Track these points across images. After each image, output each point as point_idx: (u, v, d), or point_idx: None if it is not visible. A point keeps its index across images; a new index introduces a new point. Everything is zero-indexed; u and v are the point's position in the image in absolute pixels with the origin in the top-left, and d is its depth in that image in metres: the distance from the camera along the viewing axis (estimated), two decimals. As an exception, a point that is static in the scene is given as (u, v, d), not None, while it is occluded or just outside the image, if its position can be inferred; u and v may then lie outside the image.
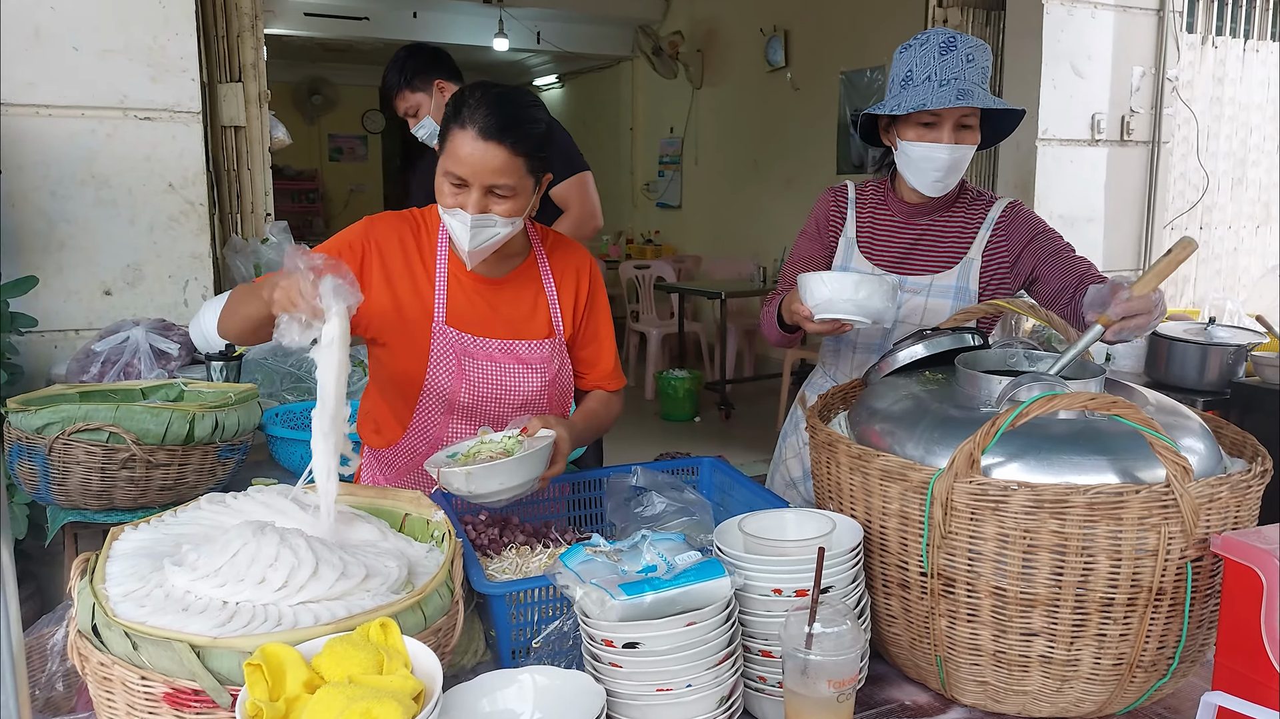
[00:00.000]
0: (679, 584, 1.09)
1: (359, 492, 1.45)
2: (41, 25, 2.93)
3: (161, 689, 0.99)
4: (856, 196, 2.07)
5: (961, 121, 1.85)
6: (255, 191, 3.56)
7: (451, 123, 1.59)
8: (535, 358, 1.77)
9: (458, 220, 1.61)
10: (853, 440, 1.30)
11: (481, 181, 1.58)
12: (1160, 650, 1.14)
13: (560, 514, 1.66)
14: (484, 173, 1.57)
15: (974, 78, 1.81)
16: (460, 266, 1.74)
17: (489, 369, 1.74)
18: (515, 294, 1.79)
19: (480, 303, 1.76)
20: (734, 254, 8.20)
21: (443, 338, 1.72)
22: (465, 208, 1.59)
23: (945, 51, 1.80)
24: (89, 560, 1.19)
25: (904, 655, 1.27)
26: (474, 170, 1.57)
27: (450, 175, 1.59)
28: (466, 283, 1.75)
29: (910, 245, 2.01)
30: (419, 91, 2.97)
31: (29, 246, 2.99)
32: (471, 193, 1.59)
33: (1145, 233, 5.13)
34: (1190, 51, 5.20)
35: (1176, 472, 1.06)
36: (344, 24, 8.39)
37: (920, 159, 1.87)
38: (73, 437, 2.00)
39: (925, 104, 1.79)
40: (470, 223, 1.59)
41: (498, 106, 1.58)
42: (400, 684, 0.94)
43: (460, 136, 1.57)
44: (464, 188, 1.59)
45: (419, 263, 1.74)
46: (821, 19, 7.15)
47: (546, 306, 1.80)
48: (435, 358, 1.72)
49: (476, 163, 1.56)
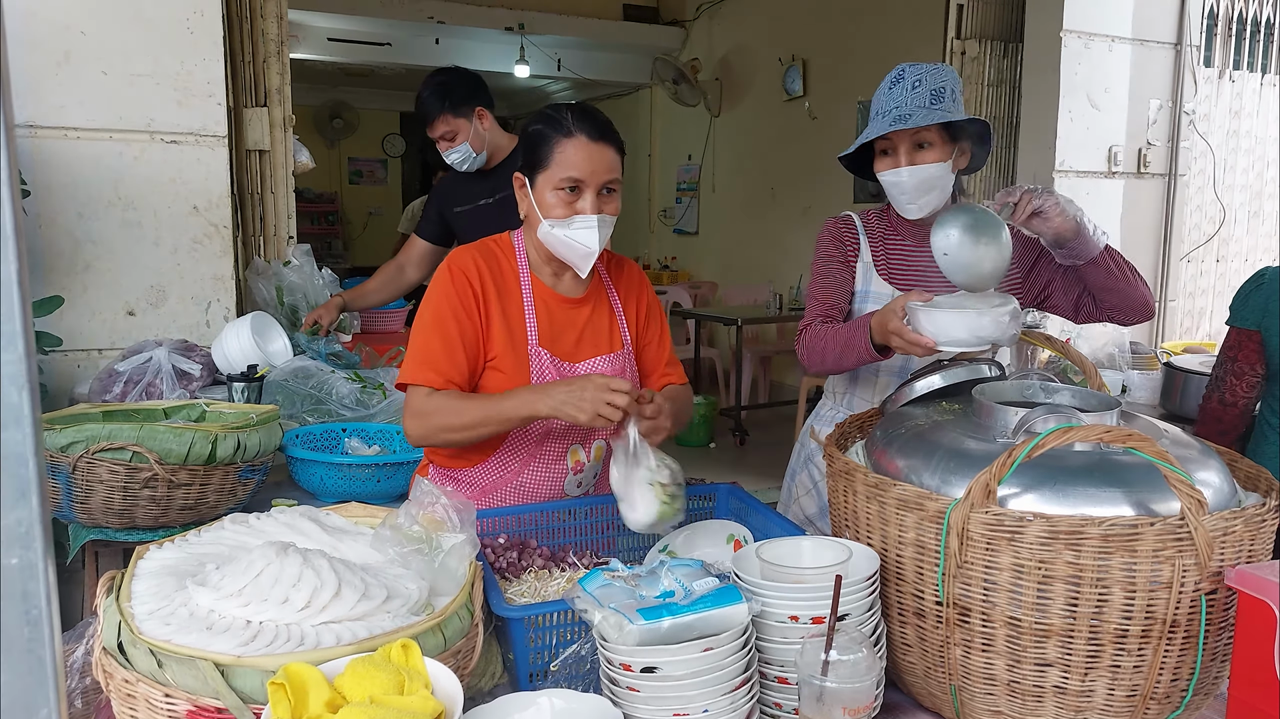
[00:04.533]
0: (697, 610, 1.10)
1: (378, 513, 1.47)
2: (72, 50, 2.99)
3: (185, 707, 1.01)
4: (864, 224, 2.13)
5: (917, 142, 1.94)
6: (278, 214, 3.60)
7: (555, 134, 1.71)
8: (615, 370, 1.84)
9: (580, 224, 1.71)
10: (870, 469, 1.31)
11: (598, 181, 1.71)
12: (1174, 683, 1.14)
13: (579, 538, 1.68)
14: (600, 171, 1.70)
15: (917, 101, 1.91)
16: (545, 290, 1.83)
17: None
18: (593, 311, 1.87)
19: (564, 322, 1.83)
20: (750, 281, 8.22)
21: (538, 360, 1.78)
22: (585, 211, 1.70)
23: (893, 85, 1.94)
24: (115, 578, 1.21)
25: (919, 684, 1.27)
26: (592, 170, 1.70)
27: (566, 182, 1.70)
28: (552, 305, 1.83)
29: (926, 267, 2.04)
30: (461, 117, 3.00)
31: (54, 267, 3.03)
32: (587, 195, 1.70)
33: (1161, 265, 5.12)
34: (1207, 85, 5.22)
35: (1191, 505, 1.06)
36: (366, 49, 8.50)
37: (889, 186, 2.00)
38: (96, 455, 2.02)
39: (865, 138, 1.95)
40: (597, 222, 1.71)
41: (595, 114, 1.75)
42: (421, 705, 0.95)
43: (571, 144, 1.70)
44: (578, 193, 1.71)
45: (505, 287, 1.80)
46: (840, 49, 7.20)
47: (617, 320, 1.89)
48: (535, 380, 1.77)
49: (595, 163, 1.70)
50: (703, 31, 9.15)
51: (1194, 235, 5.31)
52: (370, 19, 8.01)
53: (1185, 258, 5.28)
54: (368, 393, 2.72)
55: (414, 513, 1.31)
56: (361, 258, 12.24)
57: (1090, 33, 4.71)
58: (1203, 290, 5.45)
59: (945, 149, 1.95)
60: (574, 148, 1.69)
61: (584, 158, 1.69)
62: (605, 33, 9.09)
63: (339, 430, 2.57)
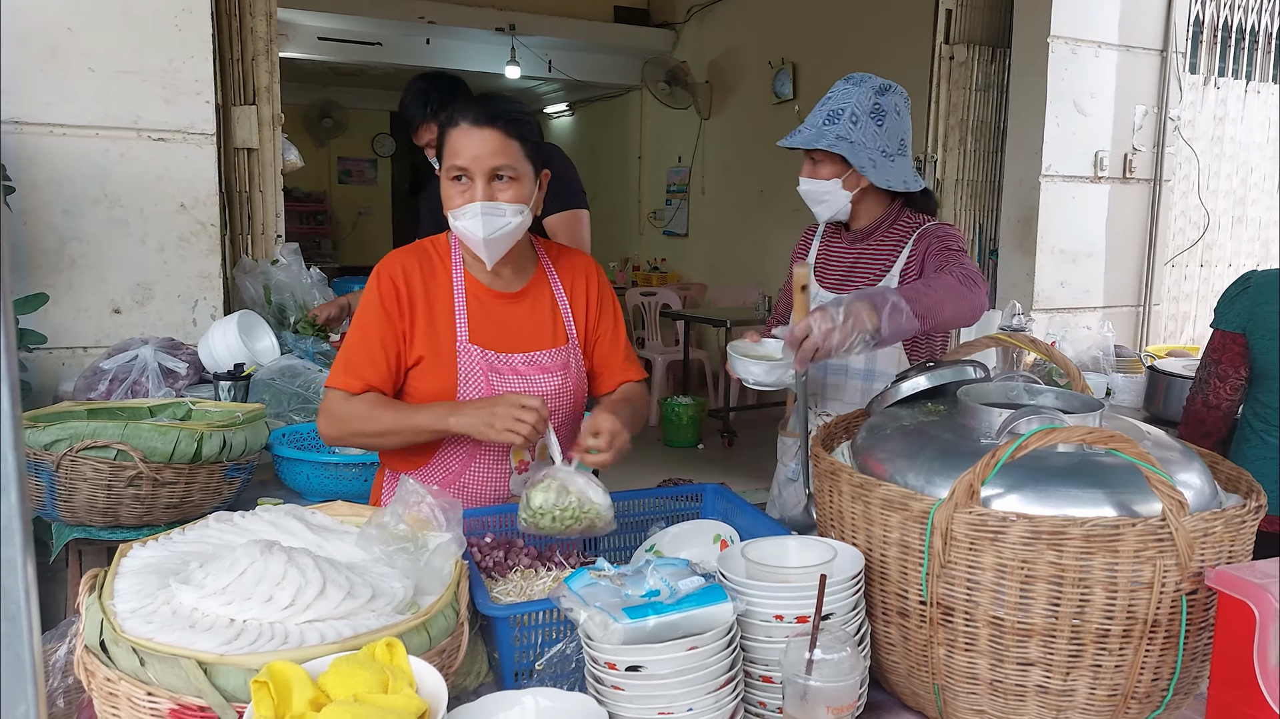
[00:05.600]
0: (682, 609, 1.10)
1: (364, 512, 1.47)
2: (59, 46, 2.98)
3: (168, 706, 1.00)
4: (824, 229, 2.31)
5: (812, 157, 2.12)
6: (266, 213, 3.60)
7: (446, 127, 1.70)
8: (556, 364, 1.82)
9: (469, 214, 1.68)
10: (855, 470, 1.32)
11: (483, 168, 1.66)
12: (1155, 682, 1.15)
13: (565, 538, 1.67)
14: (484, 157, 1.66)
15: (816, 120, 2.10)
16: (478, 287, 1.80)
17: (515, 383, 1.78)
18: (533, 304, 1.84)
19: (501, 317, 1.81)
20: (739, 283, 8.23)
21: (467, 356, 1.76)
22: (473, 199, 1.67)
23: (820, 106, 2.12)
24: (97, 577, 1.20)
25: (902, 684, 1.28)
26: (474, 156, 1.66)
27: (452, 171, 1.68)
28: (486, 301, 1.80)
29: (849, 268, 2.21)
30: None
31: (40, 264, 3.02)
32: (476, 183, 1.67)
33: (1146, 269, 5.16)
34: (1192, 91, 5.26)
35: (1172, 506, 1.07)
36: (357, 49, 8.48)
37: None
38: (80, 454, 2.01)
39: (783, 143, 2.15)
40: (480, 209, 1.66)
41: (483, 98, 1.72)
42: (405, 704, 0.95)
43: (455, 133, 1.68)
44: (468, 180, 1.68)
45: (435, 287, 1.79)
46: (830, 53, 7.22)
47: (561, 314, 1.87)
48: (464, 376, 1.76)
49: (476, 148, 1.66)
50: (693, 34, 9.15)
51: (1178, 240, 5.35)
52: (361, 18, 8.00)
53: (1170, 262, 5.31)
54: (355, 392, 2.71)
55: (400, 512, 1.31)
56: (351, 257, 12.22)
57: (1077, 39, 4.74)
58: (1187, 295, 5.49)
59: (836, 168, 2.10)
60: (457, 136, 1.67)
61: (465, 144, 1.66)
62: (596, 34, 9.09)
63: (326, 430, 2.56)
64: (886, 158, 2.08)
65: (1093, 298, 5.03)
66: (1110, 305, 5.08)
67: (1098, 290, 5.04)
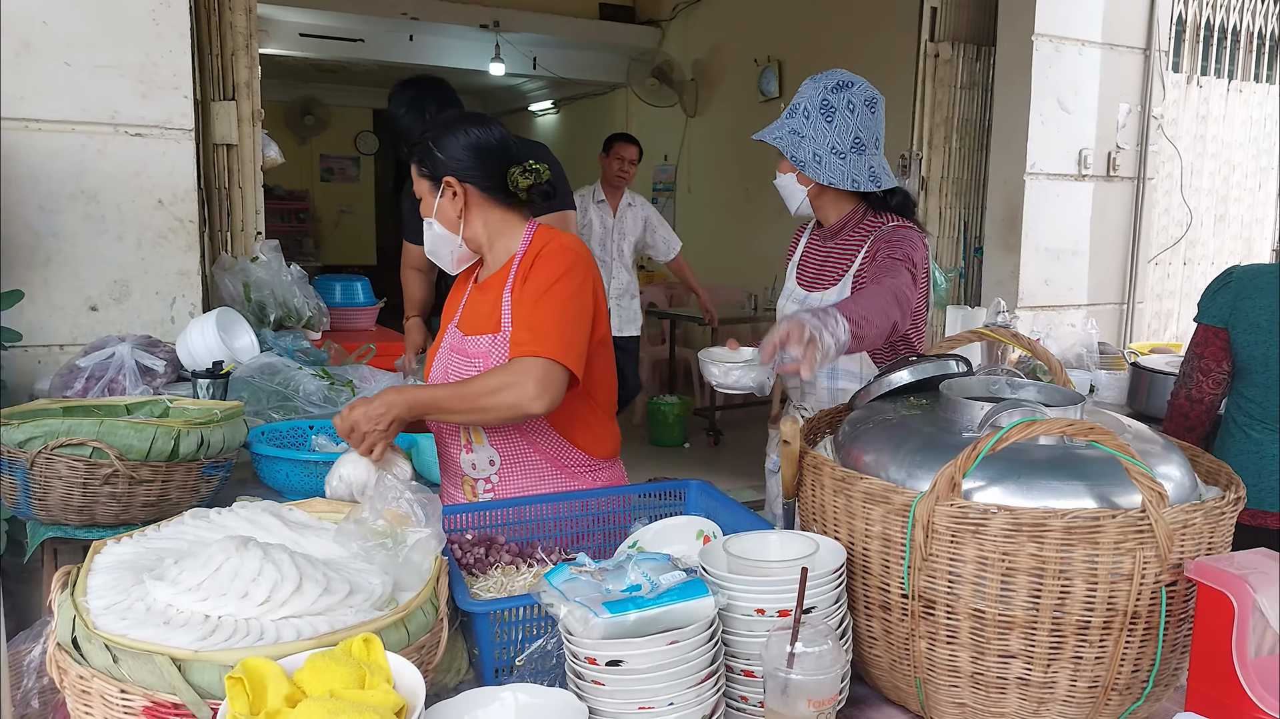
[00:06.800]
0: (662, 603, 1.09)
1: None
2: (33, 39, 2.94)
3: (141, 703, 0.99)
4: (811, 227, 2.34)
5: (778, 151, 2.16)
6: (246, 210, 3.57)
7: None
8: (476, 351, 1.90)
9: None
10: (837, 463, 1.31)
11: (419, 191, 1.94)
12: (1135, 674, 1.15)
13: (546, 534, 1.67)
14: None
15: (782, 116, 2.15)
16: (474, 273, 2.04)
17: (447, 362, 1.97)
18: (485, 294, 1.95)
19: (472, 303, 1.99)
20: (725, 281, 8.22)
21: (446, 335, 2.00)
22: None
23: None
24: (70, 573, 1.18)
25: (884, 677, 1.27)
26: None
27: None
28: (471, 288, 2.02)
29: (820, 264, 2.26)
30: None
31: (15, 261, 2.98)
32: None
33: (1130, 266, 5.19)
34: (1175, 90, 5.29)
35: (1152, 497, 1.07)
36: (339, 45, 8.42)
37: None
38: (55, 451, 1.98)
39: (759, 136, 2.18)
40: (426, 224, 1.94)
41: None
42: (382, 699, 0.94)
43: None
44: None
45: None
46: (816, 51, 7.22)
47: (501, 304, 1.91)
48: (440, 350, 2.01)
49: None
50: (679, 31, 9.14)
51: (1161, 238, 5.38)
52: (343, 14, 7.94)
53: (1153, 260, 5.34)
54: (335, 389, 2.70)
55: (378, 508, 1.29)
56: (332, 256, 12.14)
57: (1061, 37, 4.76)
58: (1170, 292, 5.53)
59: (788, 163, 2.15)
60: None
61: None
62: (581, 31, 9.06)
63: (306, 427, 2.54)
64: (836, 155, 2.09)
65: (1077, 295, 5.05)
66: (1094, 303, 5.10)
67: (1082, 288, 5.07)
